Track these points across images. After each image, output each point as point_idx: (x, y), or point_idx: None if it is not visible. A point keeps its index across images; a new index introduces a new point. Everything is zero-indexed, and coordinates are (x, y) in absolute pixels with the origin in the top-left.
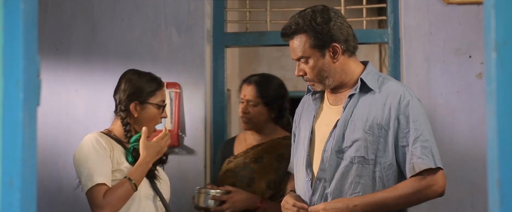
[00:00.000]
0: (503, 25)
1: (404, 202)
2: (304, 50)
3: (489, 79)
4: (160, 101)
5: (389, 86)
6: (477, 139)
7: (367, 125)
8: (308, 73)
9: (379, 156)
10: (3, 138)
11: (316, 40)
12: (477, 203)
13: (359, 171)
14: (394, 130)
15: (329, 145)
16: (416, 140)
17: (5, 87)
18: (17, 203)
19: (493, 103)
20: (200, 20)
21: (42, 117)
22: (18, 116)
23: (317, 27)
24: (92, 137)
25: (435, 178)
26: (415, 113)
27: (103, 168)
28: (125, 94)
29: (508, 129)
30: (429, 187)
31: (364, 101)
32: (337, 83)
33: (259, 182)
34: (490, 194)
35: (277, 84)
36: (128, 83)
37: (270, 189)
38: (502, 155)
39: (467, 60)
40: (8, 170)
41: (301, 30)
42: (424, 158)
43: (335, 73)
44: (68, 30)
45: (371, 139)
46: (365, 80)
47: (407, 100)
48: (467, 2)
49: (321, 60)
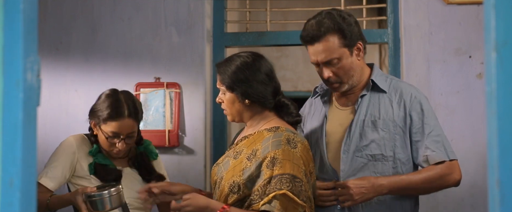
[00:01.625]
0: (503, 25)
1: (427, 186)
2: (335, 51)
3: (489, 79)
4: (109, 133)
5: (398, 86)
6: (477, 139)
7: (382, 123)
8: (338, 74)
9: (397, 152)
10: (3, 138)
11: (346, 39)
12: (477, 203)
13: (379, 168)
14: (408, 126)
15: (347, 144)
16: (428, 135)
17: (5, 87)
18: (17, 203)
19: (493, 103)
20: (200, 20)
21: (42, 117)
22: (18, 116)
23: (346, 26)
24: (71, 140)
25: (452, 167)
26: (426, 110)
27: (54, 172)
28: (90, 109)
29: (508, 129)
30: (449, 174)
31: (375, 101)
32: (357, 83)
33: (225, 182)
34: (490, 194)
35: (238, 65)
36: (97, 98)
37: (234, 193)
38: (502, 155)
39: (467, 60)
40: (8, 170)
41: (332, 30)
42: (437, 151)
43: (358, 71)
44: (68, 30)
45: (387, 136)
46: (376, 81)
47: (418, 98)
48: (467, 2)
49: (350, 59)
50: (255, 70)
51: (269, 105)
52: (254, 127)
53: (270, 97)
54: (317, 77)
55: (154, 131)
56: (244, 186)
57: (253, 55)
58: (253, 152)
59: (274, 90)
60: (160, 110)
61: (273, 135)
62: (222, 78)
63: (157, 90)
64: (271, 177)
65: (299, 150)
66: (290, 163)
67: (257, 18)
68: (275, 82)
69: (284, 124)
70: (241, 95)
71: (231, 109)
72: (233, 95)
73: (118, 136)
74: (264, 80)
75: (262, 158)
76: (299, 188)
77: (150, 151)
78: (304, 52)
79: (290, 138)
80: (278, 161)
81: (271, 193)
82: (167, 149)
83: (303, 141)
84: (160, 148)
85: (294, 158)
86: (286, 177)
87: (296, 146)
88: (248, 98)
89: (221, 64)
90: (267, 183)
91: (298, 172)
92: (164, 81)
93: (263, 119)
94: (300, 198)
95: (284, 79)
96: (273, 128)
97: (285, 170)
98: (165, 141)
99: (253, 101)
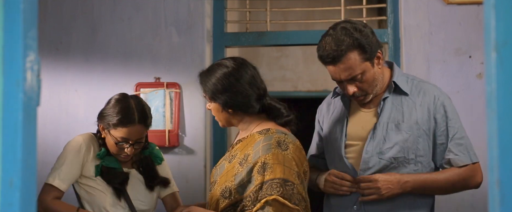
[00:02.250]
0: (503, 25)
1: (450, 186)
2: (358, 67)
3: (489, 79)
4: (118, 138)
5: (421, 86)
6: (477, 139)
7: (406, 126)
8: (363, 88)
9: (419, 155)
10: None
11: (366, 53)
12: (477, 203)
13: (402, 170)
14: (432, 129)
15: (370, 146)
16: (452, 138)
17: (5, 87)
18: (17, 203)
19: (493, 103)
20: (200, 20)
21: (42, 117)
22: (18, 116)
23: (364, 40)
24: (79, 139)
25: (475, 169)
26: (450, 112)
27: (65, 172)
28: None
29: (508, 129)
30: (472, 176)
31: (398, 103)
32: (381, 89)
33: (218, 187)
34: (490, 194)
35: (218, 76)
36: (107, 102)
37: (225, 197)
38: (502, 155)
39: (467, 60)
40: (8, 170)
41: (351, 48)
42: (460, 155)
43: (380, 79)
44: (68, 30)
45: (411, 139)
46: (398, 82)
47: (442, 100)
48: (467, 2)
49: (372, 71)
50: (235, 79)
51: (254, 111)
52: (246, 130)
53: (254, 103)
54: (317, 77)
55: (154, 131)
56: (235, 191)
57: (234, 63)
58: (245, 156)
59: (258, 96)
60: (160, 110)
61: (263, 138)
62: (204, 89)
63: (157, 90)
64: (263, 183)
65: (291, 151)
66: (280, 167)
67: (257, 18)
68: (258, 88)
69: (274, 126)
70: (223, 105)
71: (218, 116)
72: (217, 104)
73: (127, 141)
74: (245, 89)
75: (253, 163)
76: (290, 191)
77: (155, 156)
78: (304, 52)
79: (280, 140)
80: (268, 166)
81: (262, 199)
82: (167, 149)
83: (295, 141)
84: (160, 148)
85: (285, 160)
86: (276, 182)
87: (287, 147)
88: (230, 107)
89: (202, 75)
90: (258, 189)
91: (290, 175)
92: (164, 81)
93: (254, 122)
94: (292, 202)
95: (284, 79)
96: (263, 130)
97: (275, 174)
98: (165, 141)
99: (235, 110)
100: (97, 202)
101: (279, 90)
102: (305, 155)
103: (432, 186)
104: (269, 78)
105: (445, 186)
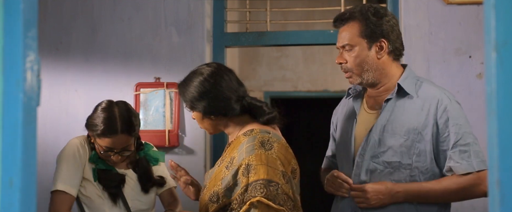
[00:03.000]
0: (503, 25)
1: (448, 196)
2: (352, 38)
3: (489, 79)
4: (103, 148)
5: (427, 90)
6: (477, 139)
7: (403, 130)
8: (349, 62)
9: (416, 161)
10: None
11: (366, 31)
12: (477, 203)
13: (396, 175)
14: (433, 135)
15: (363, 149)
16: (455, 145)
17: (5, 87)
18: (17, 203)
19: (493, 104)
20: (200, 20)
21: (42, 117)
22: (18, 116)
23: (371, 18)
24: (75, 142)
25: (480, 177)
26: (454, 117)
27: (69, 176)
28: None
29: (508, 129)
30: (475, 185)
31: (401, 106)
32: (374, 81)
33: (207, 191)
34: (490, 194)
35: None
36: (94, 109)
37: (213, 202)
38: (502, 155)
39: (467, 60)
40: (8, 170)
41: (355, 18)
42: (461, 163)
43: (376, 69)
44: (68, 30)
45: (407, 144)
46: (402, 85)
47: (445, 105)
48: (467, 2)
49: (366, 52)
50: (211, 85)
51: (235, 113)
52: (233, 133)
53: (235, 105)
54: (317, 77)
55: (154, 131)
56: (223, 195)
57: (208, 69)
58: (231, 159)
59: (237, 97)
60: (160, 110)
61: (247, 140)
62: (183, 99)
63: (157, 90)
64: (247, 185)
65: (275, 150)
66: (264, 167)
67: (257, 18)
68: (235, 90)
69: (258, 126)
70: (203, 112)
71: (202, 124)
72: (198, 113)
73: (112, 150)
74: (222, 93)
75: (237, 165)
76: (274, 192)
77: (150, 157)
78: (304, 52)
79: (264, 140)
80: (252, 167)
81: (247, 201)
82: (167, 149)
83: (280, 140)
84: (160, 148)
85: (268, 161)
86: (260, 183)
87: (271, 147)
88: (210, 114)
89: (180, 85)
90: (244, 191)
91: (274, 175)
92: (164, 81)
93: (238, 124)
94: (276, 202)
95: (284, 79)
96: (248, 132)
97: (259, 175)
98: (165, 141)
99: (216, 115)
100: (96, 204)
101: (279, 90)
102: (292, 153)
103: (428, 196)
104: (269, 78)
105: (444, 196)
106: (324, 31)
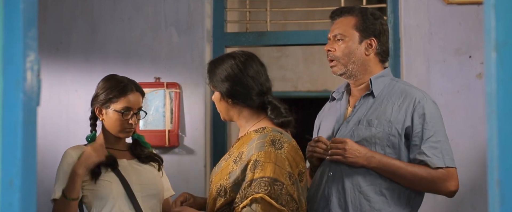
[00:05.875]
0: (503, 25)
1: (415, 181)
2: (346, 29)
3: (489, 79)
4: (122, 108)
5: (407, 90)
6: (477, 139)
7: (376, 122)
8: (338, 50)
9: (388, 152)
10: (3, 138)
11: (361, 25)
12: (477, 203)
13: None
14: (407, 129)
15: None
16: (426, 140)
17: (5, 87)
18: (17, 203)
19: (493, 103)
20: (200, 20)
21: (42, 117)
22: (18, 116)
23: (368, 16)
24: (70, 151)
25: (449, 175)
26: (429, 115)
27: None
28: (92, 98)
29: (508, 129)
30: (442, 181)
31: (378, 102)
32: (357, 74)
33: (214, 185)
34: (490, 194)
35: (225, 65)
36: (96, 87)
37: (221, 196)
38: (502, 155)
39: (467, 60)
40: (8, 170)
41: (353, 13)
42: (433, 157)
43: (361, 64)
44: (68, 30)
45: (380, 135)
46: (373, 81)
47: (423, 103)
48: (467, 2)
49: (356, 45)
50: (239, 70)
51: (252, 104)
52: (244, 128)
53: (255, 97)
54: (317, 77)
55: (154, 131)
56: (231, 190)
57: (244, 55)
58: (239, 154)
59: (260, 91)
60: (160, 110)
61: (258, 136)
62: (209, 76)
63: (157, 90)
64: (252, 180)
65: (285, 150)
66: (271, 166)
67: (257, 18)
68: (261, 84)
69: (271, 125)
70: (223, 93)
71: (219, 106)
72: (218, 93)
73: (130, 110)
74: (247, 81)
75: (246, 161)
76: (278, 191)
77: (141, 139)
78: (304, 52)
79: (275, 139)
80: (259, 163)
81: (249, 196)
82: (167, 149)
83: (291, 141)
84: (160, 148)
85: (277, 160)
86: (265, 181)
87: (281, 146)
88: (230, 97)
89: (211, 63)
90: (247, 186)
91: (280, 175)
92: (164, 81)
93: (252, 120)
94: (279, 202)
95: (284, 79)
96: (259, 129)
97: (265, 173)
98: (165, 141)
99: (235, 101)
100: (103, 193)
101: (279, 90)
102: (303, 156)
103: (397, 172)
104: None
105: (411, 178)
106: (324, 31)
